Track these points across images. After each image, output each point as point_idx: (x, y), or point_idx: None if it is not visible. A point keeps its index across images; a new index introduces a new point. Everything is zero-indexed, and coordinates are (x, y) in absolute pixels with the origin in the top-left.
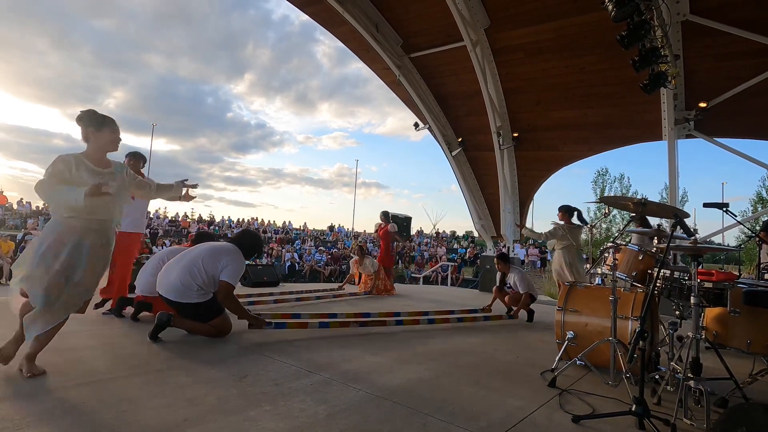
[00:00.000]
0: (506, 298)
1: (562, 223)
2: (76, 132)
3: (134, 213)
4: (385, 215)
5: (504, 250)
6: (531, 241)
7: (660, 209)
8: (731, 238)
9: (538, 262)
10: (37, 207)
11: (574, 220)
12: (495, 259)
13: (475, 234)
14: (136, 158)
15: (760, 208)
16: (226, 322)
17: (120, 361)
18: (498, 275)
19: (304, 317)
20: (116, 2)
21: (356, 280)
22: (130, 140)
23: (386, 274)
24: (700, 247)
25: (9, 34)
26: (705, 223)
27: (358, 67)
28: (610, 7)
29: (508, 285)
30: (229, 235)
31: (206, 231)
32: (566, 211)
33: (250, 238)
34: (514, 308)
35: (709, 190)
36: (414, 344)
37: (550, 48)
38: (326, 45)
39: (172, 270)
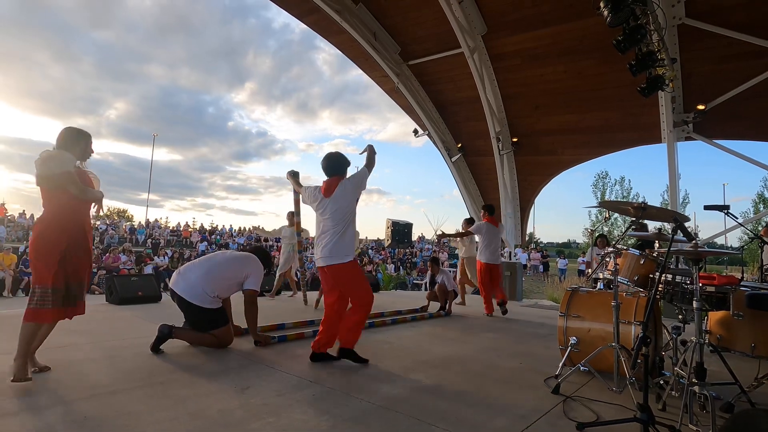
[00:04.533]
0: (436, 288)
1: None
2: None
3: None
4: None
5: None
6: (533, 246)
7: (660, 213)
8: (734, 239)
9: (541, 266)
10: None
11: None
12: (429, 262)
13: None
14: None
15: (762, 208)
16: (228, 333)
17: (122, 374)
18: (428, 275)
19: (288, 326)
20: (116, 14)
21: None
22: (131, 151)
23: None
24: (700, 251)
25: (11, 47)
26: (708, 224)
27: (358, 73)
28: (606, 13)
29: (436, 283)
30: (231, 244)
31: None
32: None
33: (263, 251)
34: (448, 304)
35: (710, 191)
36: (415, 352)
37: (548, 53)
38: (326, 52)
39: (193, 272)
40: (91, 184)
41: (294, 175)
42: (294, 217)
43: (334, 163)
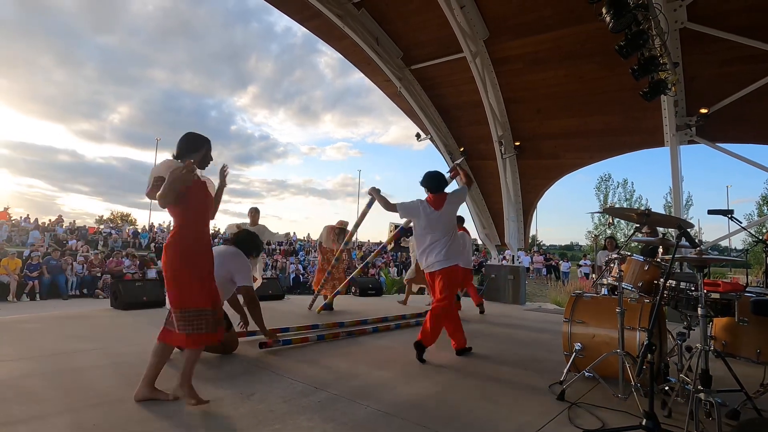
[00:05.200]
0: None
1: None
2: (81, 148)
3: None
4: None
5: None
6: (536, 249)
7: (663, 220)
8: (738, 242)
9: (544, 269)
10: (42, 223)
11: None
12: None
13: (479, 242)
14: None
15: (766, 211)
16: (233, 337)
17: (128, 381)
18: None
19: (292, 330)
20: (120, 18)
21: (330, 256)
22: (134, 155)
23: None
24: (705, 258)
25: (15, 52)
26: (711, 227)
27: (360, 77)
28: (608, 19)
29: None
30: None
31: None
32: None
33: (242, 237)
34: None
35: (714, 194)
36: None
37: (550, 57)
38: (329, 56)
39: None
40: (207, 195)
41: (377, 191)
42: (257, 214)
43: (439, 182)
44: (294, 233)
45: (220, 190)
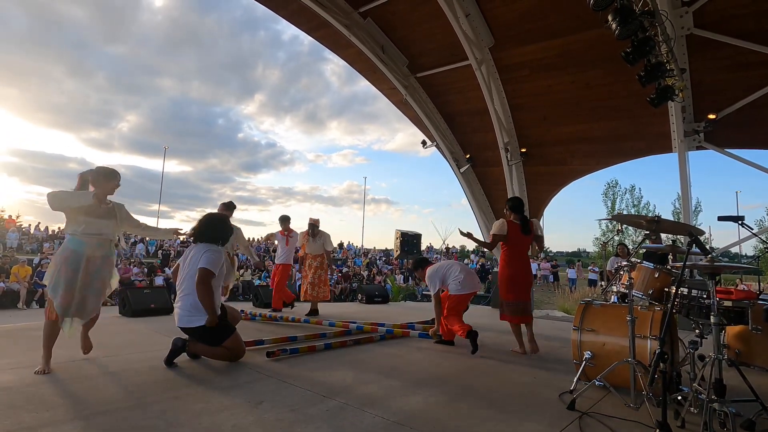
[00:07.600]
0: None
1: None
2: (90, 156)
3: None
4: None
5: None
6: (542, 255)
7: (674, 227)
8: (749, 248)
9: (551, 276)
10: (53, 231)
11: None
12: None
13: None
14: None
15: None
16: (239, 342)
17: (136, 388)
18: None
19: (300, 339)
20: (129, 29)
21: (300, 258)
22: (142, 163)
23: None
24: (717, 265)
25: (26, 63)
26: (721, 233)
27: (366, 84)
28: (614, 26)
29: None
30: (241, 256)
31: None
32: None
33: (205, 226)
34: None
35: (722, 199)
36: (427, 365)
37: (555, 64)
38: (335, 64)
39: (180, 300)
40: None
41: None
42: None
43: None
44: None
45: None
